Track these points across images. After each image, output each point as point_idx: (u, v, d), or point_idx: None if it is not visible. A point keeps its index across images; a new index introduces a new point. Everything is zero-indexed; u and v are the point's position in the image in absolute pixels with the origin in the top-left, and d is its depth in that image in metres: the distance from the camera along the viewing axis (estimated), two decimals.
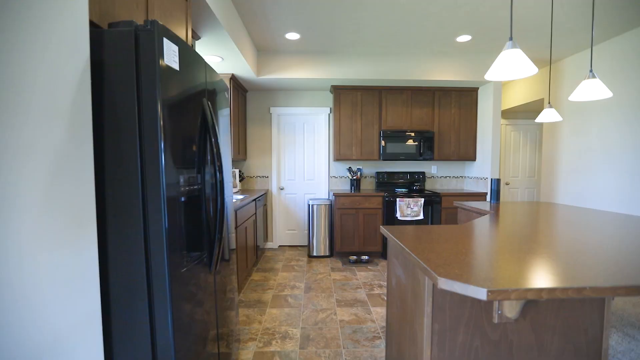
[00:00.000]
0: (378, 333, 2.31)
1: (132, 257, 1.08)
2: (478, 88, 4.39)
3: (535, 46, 3.69)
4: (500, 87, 4.07)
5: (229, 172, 1.95)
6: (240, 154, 4.27)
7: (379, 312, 2.63)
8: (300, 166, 4.77)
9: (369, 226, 4.15)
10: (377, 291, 3.08)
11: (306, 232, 4.83)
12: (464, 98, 4.41)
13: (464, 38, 3.49)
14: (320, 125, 4.74)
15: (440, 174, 4.80)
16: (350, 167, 4.52)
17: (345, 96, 4.32)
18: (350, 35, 3.41)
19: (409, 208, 4.06)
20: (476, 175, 4.48)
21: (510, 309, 1.10)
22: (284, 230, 4.83)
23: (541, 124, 5.62)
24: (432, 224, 4.15)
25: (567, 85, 4.06)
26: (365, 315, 2.59)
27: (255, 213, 3.75)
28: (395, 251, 1.59)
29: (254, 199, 3.66)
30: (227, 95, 1.88)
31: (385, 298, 2.92)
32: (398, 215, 4.07)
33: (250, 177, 4.73)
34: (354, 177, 4.47)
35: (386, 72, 4.00)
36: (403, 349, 1.44)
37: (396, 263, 1.57)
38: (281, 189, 4.77)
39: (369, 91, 4.33)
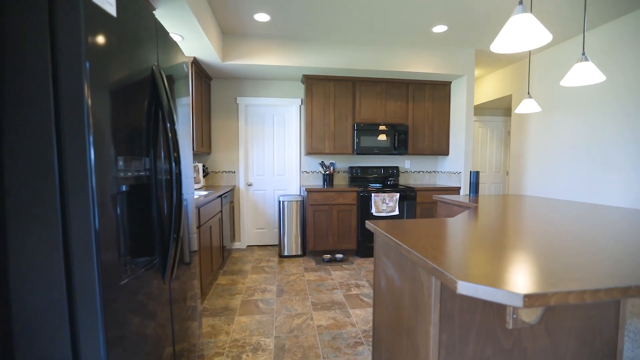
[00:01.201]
0: (360, 338, 2.12)
1: (44, 268, 0.78)
2: (451, 82, 4.36)
3: None
4: (473, 81, 4.06)
5: (190, 166, 1.65)
6: (204, 147, 3.90)
7: (359, 315, 2.45)
8: (270, 161, 4.48)
9: (343, 223, 3.97)
10: (354, 291, 2.90)
11: (276, 230, 4.56)
12: (437, 92, 4.36)
13: (440, 28, 3.40)
14: (291, 117, 4.48)
15: (414, 169, 4.74)
16: (322, 162, 4.31)
17: (317, 87, 4.10)
18: (324, 20, 3.19)
19: (384, 203, 3.93)
20: (449, 169, 4.45)
21: (530, 313, 0.94)
22: (252, 229, 4.51)
23: (508, 121, 5.77)
24: (407, 219, 4.05)
25: (534, 81, 4.13)
26: (345, 318, 2.39)
27: (221, 211, 3.42)
28: (385, 249, 1.40)
29: (220, 195, 3.33)
30: (186, 69, 1.58)
31: (365, 299, 2.74)
32: (373, 211, 3.93)
33: (216, 172, 4.36)
34: (327, 172, 4.27)
35: (361, 62, 3.82)
36: None
37: (386, 262, 1.38)
38: (249, 185, 4.45)
39: (342, 82, 4.14)
